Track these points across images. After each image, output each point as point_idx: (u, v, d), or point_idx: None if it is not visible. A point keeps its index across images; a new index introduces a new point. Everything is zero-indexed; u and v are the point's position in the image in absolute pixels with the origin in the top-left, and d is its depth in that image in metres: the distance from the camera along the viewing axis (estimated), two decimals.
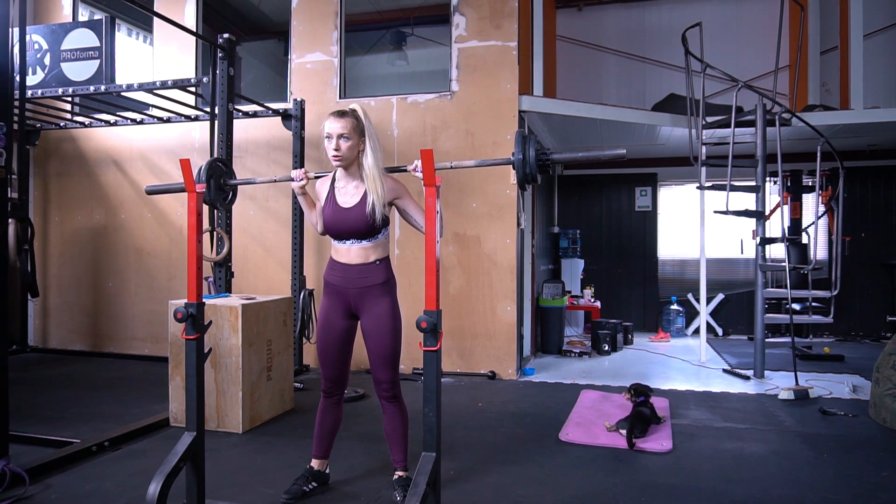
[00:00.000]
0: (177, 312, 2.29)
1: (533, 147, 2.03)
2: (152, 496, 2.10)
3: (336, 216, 2.46)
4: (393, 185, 2.49)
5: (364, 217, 2.41)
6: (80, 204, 5.94)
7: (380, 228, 2.46)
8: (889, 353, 3.76)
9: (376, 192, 2.40)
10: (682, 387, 4.64)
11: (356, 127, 2.40)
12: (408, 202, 2.50)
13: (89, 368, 5.25)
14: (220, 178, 2.53)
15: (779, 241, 5.23)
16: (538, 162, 2.03)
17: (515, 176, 2.06)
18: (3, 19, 2.69)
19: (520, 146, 2.04)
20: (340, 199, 2.49)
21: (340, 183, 2.51)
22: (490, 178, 4.97)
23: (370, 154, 2.41)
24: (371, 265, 2.48)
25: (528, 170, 2.03)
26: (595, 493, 2.66)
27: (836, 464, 3.01)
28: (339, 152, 2.38)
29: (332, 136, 2.38)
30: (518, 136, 2.06)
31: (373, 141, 2.43)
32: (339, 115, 2.40)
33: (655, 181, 7.61)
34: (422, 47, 6.11)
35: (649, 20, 7.78)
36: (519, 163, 2.03)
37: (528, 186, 2.12)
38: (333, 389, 2.60)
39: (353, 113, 2.43)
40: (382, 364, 2.47)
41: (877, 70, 6.39)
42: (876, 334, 6.94)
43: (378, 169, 2.42)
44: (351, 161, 2.43)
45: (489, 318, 4.99)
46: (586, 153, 2.06)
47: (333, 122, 2.39)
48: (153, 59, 5.75)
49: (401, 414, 2.55)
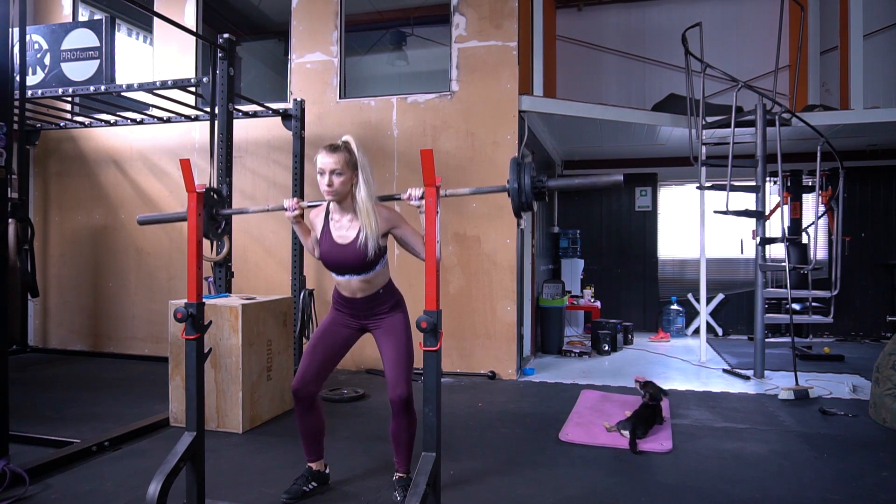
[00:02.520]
0: (177, 312, 2.29)
1: (528, 175, 1.99)
2: (152, 496, 2.10)
3: (332, 252, 2.46)
4: (388, 214, 2.46)
5: (360, 253, 2.40)
6: (80, 204, 5.94)
7: (377, 260, 2.46)
8: (889, 353, 3.76)
9: (370, 226, 2.38)
10: (682, 387, 4.64)
11: (349, 161, 2.37)
12: (405, 231, 2.48)
13: (89, 368, 5.25)
14: (213, 207, 2.47)
15: (779, 241, 5.23)
16: (534, 190, 1.99)
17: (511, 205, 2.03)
18: (3, 19, 2.69)
19: (514, 174, 1.99)
20: (336, 233, 2.47)
21: (335, 216, 2.49)
22: (490, 178, 4.97)
23: (363, 187, 2.38)
24: (375, 295, 2.52)
25: (523, 199, 2.00)
26: (595, 493, 2.66)
27: (836, 464, 3.00)
28: (332, 188, 2.36)
29: (325, 171, 2.35)
30: (512, 163, 2.02)
31: (365, 173, 2.39)
32: (332, 149, 2.37)
33: (655, 181, 7.61)
34: (422, 47, 6.12)
35: (649, 20, 7.78)
36: (514, 192, 2.00)
37: (523, 215, 2.09)
38: (303, 390, 2.51)
39: (345, 146, 2.40)
40: (396, 372, 2.43)
41: (877, 70, 6.39)
42: (876, 334, 6.94)
43: (371, 202, 2.39)
44: (344, 195, 2.41)
45: (489, 318, 4.99)
46: (583, 180, 2.04)
47: (326, 157, 2.35)
48: (153, 59, 5.75)
49: (410, 422, 2.50)
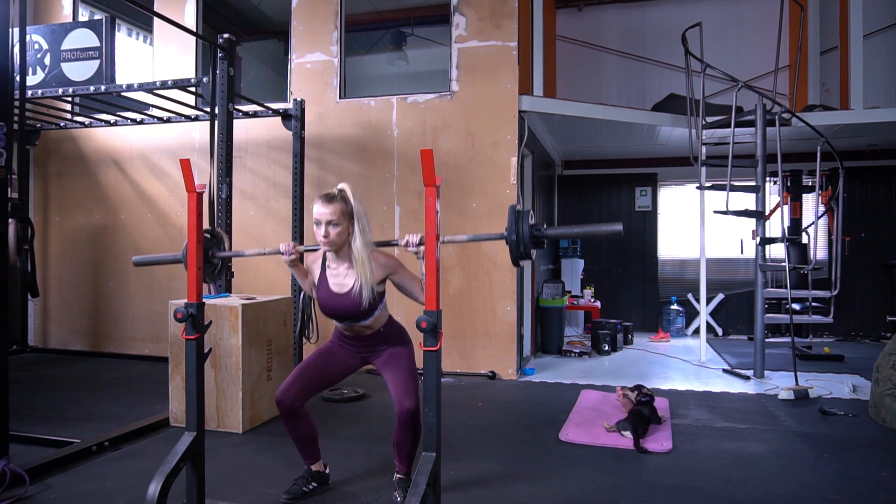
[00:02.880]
0: (177, 312, 2.29)
1: (526, 224, 1.97)
2: (152, 496, 2.10)
3: (330, 301, 2.47)
4: (385, 261, 2.47)
5: (357, 303, 2.41)
6: (80, 204, 5.94)
7: (375, 306, 2.46)
8: (889, 353, 3.76)
9: (365, 276, 2.38)
10: (682, 387, 4.64)
11: (344, 211, 2.36)
12: (402, 276, 2.48)
13: (89, 368, 5.25)
14: (208, 250, 2.42)
15: (779, 241, 5.23)
16: (532, 239, 1.98)
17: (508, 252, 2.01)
18: (3, 19, 2.69)
19: (513, 224, 1.98)
20: (332, 281, 2.48)
21: (332, 265, 2.50)
22: (490, 178, 4.97)
23: (358, 237, 2.38)
24: (376, 334, 2.54)
25: (521, 249, 1.98)
26: (595, 493, 2.66)
27: (836, 464, 3.01)
28: (328, 239, 2.36)
29: (321, 222, 2.35)
30: (511, 211, 2.00)
31: (361, 222, 2.39)
32: (327, 200, 2.36)
33: (655, 181, 7.61)
34: (422, 47, 6.12)
35: (649, 20, 7.78)
36: (513, 243, 1.98)
37: (522, 263, 2.08)
38: (285, 401, 2.48)
39: (341, 196, 2.38)
40: (405, 390, 2.43)
41: (877, 70, 6.39)
42: (876, 334, 6.94)
43: (367, 251, 2.39)
44: (341, 245, 2.41)
45: (489, 318, 4.99)
46: (582, 228, 2.03)
47: (321, 209, 2.35)
48: (153, 59, 5.75)
49: (416, 434, 2.48)
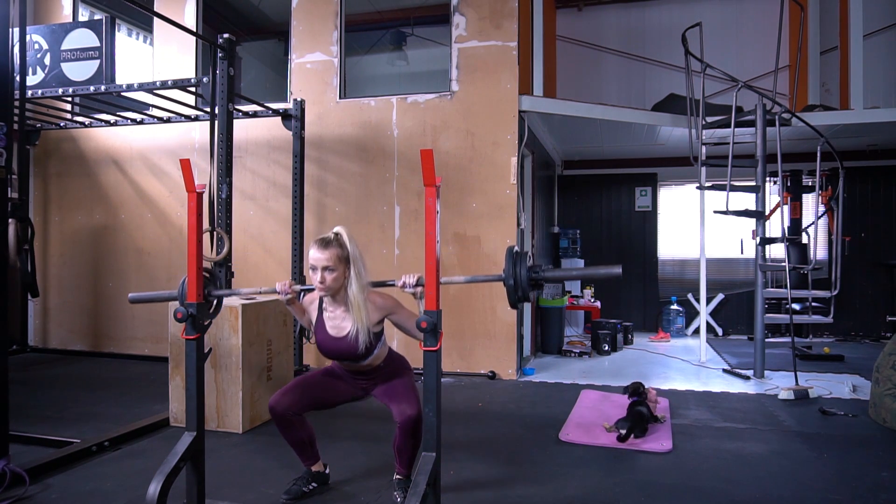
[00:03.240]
0: (177, 312, 2.29)
1: (524, 267, 1.96)
2: (152, 496, 2.10)
3: (328, 345, 2.49)
4: (382, 303, 2.47)
5: (354, 347, 2.43)
6: (80, 204, 5.94)
7: (373, 348, 2.48)
8: (889, 353, 3.76)
9: (361, 321, 2.40)
10: (682, 387, 4.64)
11: (340, 256, 2.37)
12: (401, 316, 2.50)
13: (89, 368, 5.25)
14: (205, 288, 2.42)
15: (779, 241, 5.23)
16: (530, 281, 1.97)
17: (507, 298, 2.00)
18: (3, 19, 2.69)
19: (510, 267, 1.97)
20: (329, 323, 2.49)
21: (329, 308, 2.51)
22: (490, 178, 4.97)
23: (354, 281, 2.38)
24: (375, 369, 2.57)
25: (519, 293, 1.98)
26: (595, 493, 2.66)
27: (836, 464, 3.01)
28: (324, 284, 2.37)
29: (317, 268, 2.36)
30: (508, 254, 2.00)
31: (357, 266, 2.39)
32: (323, 245, 2.36)
33: (655, 181, 7.61)
34: (422, 47, 6.12)
35: (649, 20, 7.78)
36: (510, 288, 1.97)
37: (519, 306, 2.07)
38: (278, 409, 2.48)
39: (336, 240, 2.39)
40: (406, 399, 2.44)
41: (877, 70, 6.39)
42: (876, 334, 6.94)
43: (363, 295, 2.40)
44: (337, 290, 2.42)
45: (489, 318, 4.99)
46: (582, 271, 2.03)
47: (317, 254, 2.35)
48: (153, 59, 5.75)
49: (417, 439, 2.48)
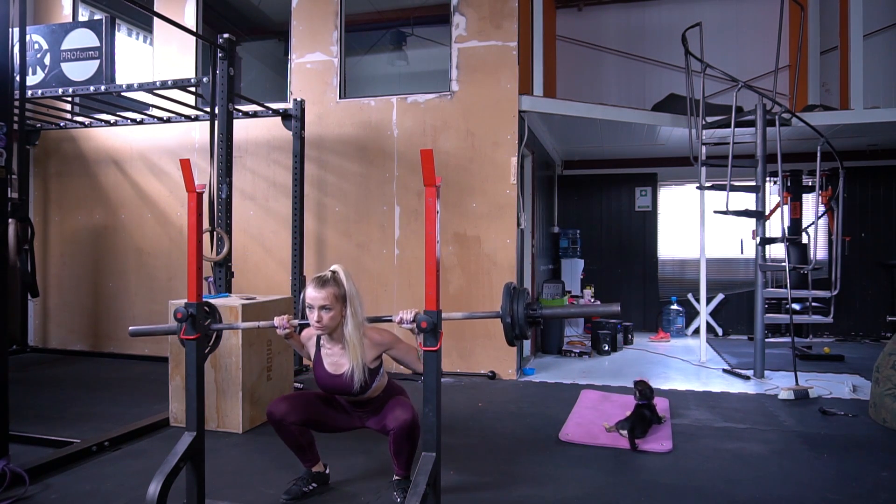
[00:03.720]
0: (177, 312, 2.29)
1: (521, 304, 1.95)
2: (152, 496, 2.10)
3: (327, 382, 2.51)
4: (380, 339, 2.49)
5: (354, 387, 2.45)
6: (80, 204, 5.94)
7: (371, 383, 2.49)
8: (889, 353, 3.76)
9: (357, 360, 2.41)
10: (682, 387, 4.64)
11: (337, 295, 2.37)
12: (398, 350, 2.52)
13: (89, 368, 5.25)
14: (205, 320, 2.40)
15: (779, 241, 5.23)
16: (527, 319, 1.96)
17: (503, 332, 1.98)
18: (3, 19, 2.69)
19: (507, 304, 1.96)
20: (327, 360, 2.51)
21: (326, 345, 2.52)
22: (490, 178, 4.97)
23: (350, 321, 2.39)
24: (374, 399, 2.58)
25: (517, 331, 1.97)
26: (595, 493, 2.66)
27: (836, 464, 3.01)
28: (321, 323, 2.37)
29: (314, 307, 2.36)
30: (505, 291, 1.99)
31: (353, 305, 2.40)
32: (320, 284, 2.36)
33: (655, 181, 7.61)
34: (422, 47, 6.12)
35: (649, 20, 7.78)
36: (507, 326, 1.96)
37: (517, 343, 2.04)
38: (276, 416, 2.50)
39: (333, 279, 2.39)
40: (400, 408, 2.45)
41: (877, 70, 6.39)
42: (876, 334, 6.94)
43: (358, 334, 2.41)
44: (334, 328, 2.43)
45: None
46: (580, 310, 2.02)
47: (314, 293, 2.35)
48: (153, 59, 5.75)
49: (413, 443, 2.49)
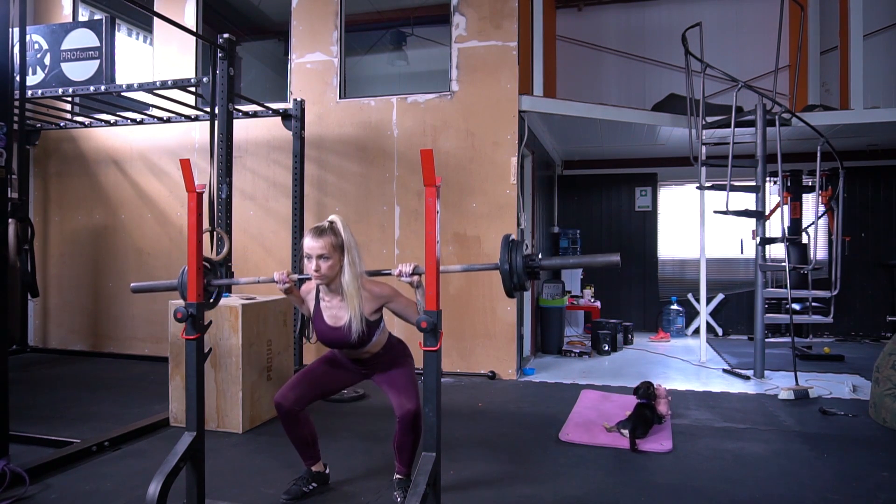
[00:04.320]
0: (177, 312, 2.29)
1: (520, 254, 1.95)
2: (152, 496, 2.10)
3: (326, 334, 2.51)
4: (379, 292, 2.48)
5: (351, 336, 2.43)
6: (80, 204, 5.94)
7: (371, 336, 2.49)
8: (889, 353, 3.76)
9: (354, 310, 2.40)
10: (682, 387, 4.64)
11: (335, 244, 2.38)
12: (398, 304, 2.50)
13: (89, 368, 5.25)
14: (205, 277, 2.43)
15: (779, 241, 5.23)
16: (526, 269, 1.95)
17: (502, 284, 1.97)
18: (3, 19, 2.69)
19: (505, 254, 1.95)
20: (327, 313, 2.50)
21: (325, 297, 2.51)
22: (490, 178, 4.97)
23: (347, 270, 2.40)
24: (375, 356, 2.57)
25: (515, 280, 1.96)
26: (595, 493, 2.66)
27: (836, 464, 3.01)
28: (319, 272, 2.38)
29: (312, 256, 2.37)
30: (504, 241, 1.99)
31: (351, 255, 2.40)
32: (318, 233, 2.38)
33: (655, 181, 7.61)
34: (422, 47, 6.12)
35: (649, 20, 7.78)
36: (506, 273, 1.95)
37: (516, 294, 2.04)
38: (285, 405, 2.51)
39: (331, 229, 2.40)
40: (406, 395, 2.45)
41: (877, 70, 6.38)
42: (876, 334, 6.94)
43: (356, 284, 2.40)
44: (333, 278, 2.42)
45: (489, 318, 4.99)
46: (579, 259, 2.01)
47: (312, 242, 2.36)
48: (153, 59, 5.75)
49: (416, 436, 2.49)
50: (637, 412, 3.44)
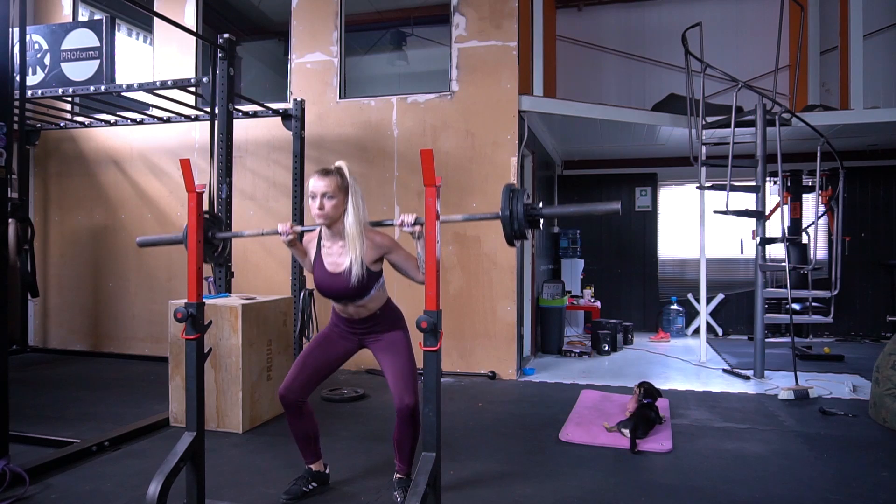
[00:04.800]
0: (177, 312, 2.29)
1: (521, 202, 1.93)
2: (152, 496, 2.10)
3: (325, 281, 2.47)
4: (380, 241, 2.46)
5: (351, 283, 2.41)
6: (80, 204, 5.94)
7: (370, 286, 2.45)
8: (889, 353, 3.76)
9: (356, 252, 2.38)
10: (682, 387, 4.64)
11: (340, 185, 2.38)
12: (398, 255, 2.48)
13: (89, 368, 5.25)
14: (209, 231, 2.45)
15: (779, 241, 5.23)
16: (527, 217, 1.94)
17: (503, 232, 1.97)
18: (3, 19, 2.69)
19: (506, 202, 1.94)
20: (327, 260, 2.48)
21: (326, 243, 2.50)
22: (490, 178, 4.97)
23: (351, 212, 2.39)
24: (372, 316, 2.53)
25: (515, 226, 1.95)
26: (595, 493, 2.66)
27: (836, 464, 3.01)
28: (322, 211, 2.37)
29: (316, 195, 2.36)
30: (505, 190, 1.98)
31: (355, 198, 2.40)
32: (324, 173, 2.38)
33: (655, 181, 7.61)
34: (422, 47, 6.12)
35: (649, 20, 7.78)
36: (506, 219, 1.95)
37: (516, 243, 2.04)
38: (289, 397, 2.51)
39: (337, 171, 2.41)
40: (405, 385, 2.42)
41: (877, 70, 6.39)
42: (876, 334, 6.94)
43: (359, 227, 2.39)
44: (335, 220, 2.42)
45: (489, 318, 4.99)
46: (579, 208, 2.00)
47: (317, 182, 2.36)
48: (153, 59, 5.75)
49: (415, 431, 2.49)
50: (639, 412, 3.44)
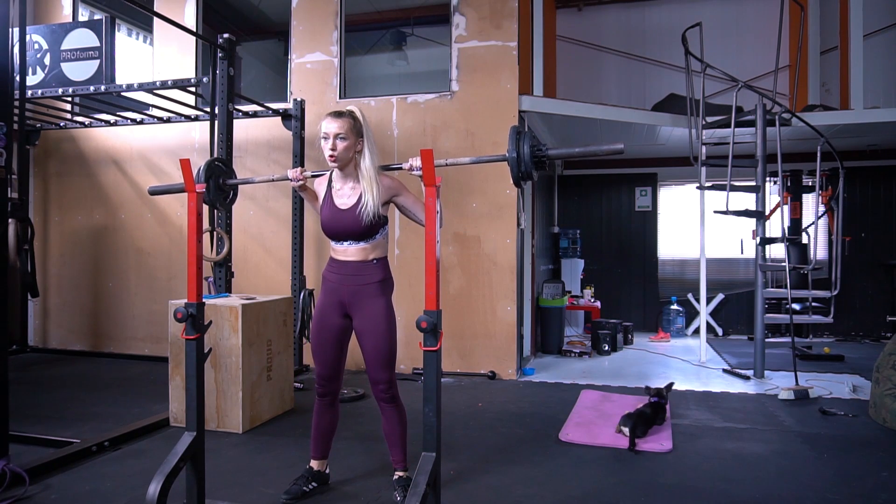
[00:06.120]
0: (177, 312, 2.29)
1: (527, 143, 1.97)
2: (152, 496, 2.10)
3: (333, 218, 2.46)
4: (390, 183, 2.49)
5: (360, 218, 2.40)
6: (80, 204, 5.94)
7: (377, 229, 2.46)
8: (889, 353, 3.76)
9: (372, 192, 2.39)
10: (682, 387, 4.64)
11: (353, 127, 2.39)
12: (406, 198, 2.51)
13: (89, 368, 5.25)
14: (220, 177, 2.55)
15: (779, 241, 5.23)
16: (533, 158, 1.98)
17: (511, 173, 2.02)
18: (3, 19, 2.69)
19: (513, 143, 1.98)
20: (337, 200, 2.48)
21: (337, 185, 2.50)
22: (490, 177, 4.97)
23: (367, 155, 2.42)
24: (369, 263, 2.49)
25: (522, 168, 1.98)
26: (595, 493, 2.66)
27: (836, 464, 3.01)
28: (335, 152, 2.37)
29: (329, 135, 2.37)
30: (512, 132, 2.01)
31: (370, 142, 2.43)
32: (337, 115, 2.39)
33: (655, 181, 7.61)
34: (422, 47, 6.11)
35: (649, 20, 7.78)
36: (513, 160, 1.98)
37: (524, 184, 2.08)
38: (326, 389, 2.58)
39: (350, 113, 2.42)
40: (378, 364, 2.45)
41: (877, 70, 6.38)
42: (876, 334, 6.94)
43: (375, 169, 2.42)
44: (347, 162, 2.42)
45: (489, 318, 4.99)
46: (583, 148, 2.02)
47: (330, 123, 2.38)
48: (153, 59, 5.75)
49: (399, 415, 2.53)
50: (639, 410, 3.45)
